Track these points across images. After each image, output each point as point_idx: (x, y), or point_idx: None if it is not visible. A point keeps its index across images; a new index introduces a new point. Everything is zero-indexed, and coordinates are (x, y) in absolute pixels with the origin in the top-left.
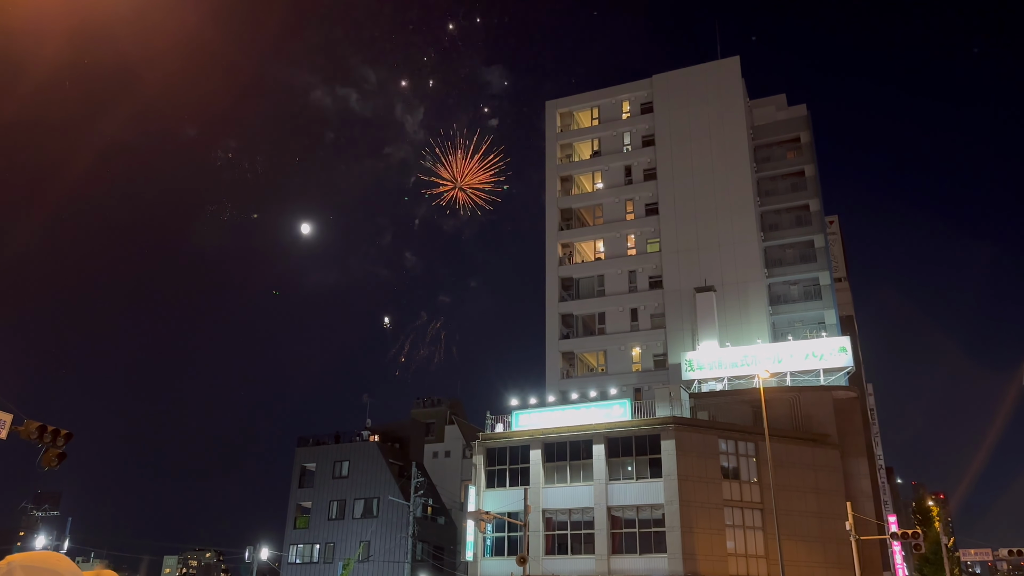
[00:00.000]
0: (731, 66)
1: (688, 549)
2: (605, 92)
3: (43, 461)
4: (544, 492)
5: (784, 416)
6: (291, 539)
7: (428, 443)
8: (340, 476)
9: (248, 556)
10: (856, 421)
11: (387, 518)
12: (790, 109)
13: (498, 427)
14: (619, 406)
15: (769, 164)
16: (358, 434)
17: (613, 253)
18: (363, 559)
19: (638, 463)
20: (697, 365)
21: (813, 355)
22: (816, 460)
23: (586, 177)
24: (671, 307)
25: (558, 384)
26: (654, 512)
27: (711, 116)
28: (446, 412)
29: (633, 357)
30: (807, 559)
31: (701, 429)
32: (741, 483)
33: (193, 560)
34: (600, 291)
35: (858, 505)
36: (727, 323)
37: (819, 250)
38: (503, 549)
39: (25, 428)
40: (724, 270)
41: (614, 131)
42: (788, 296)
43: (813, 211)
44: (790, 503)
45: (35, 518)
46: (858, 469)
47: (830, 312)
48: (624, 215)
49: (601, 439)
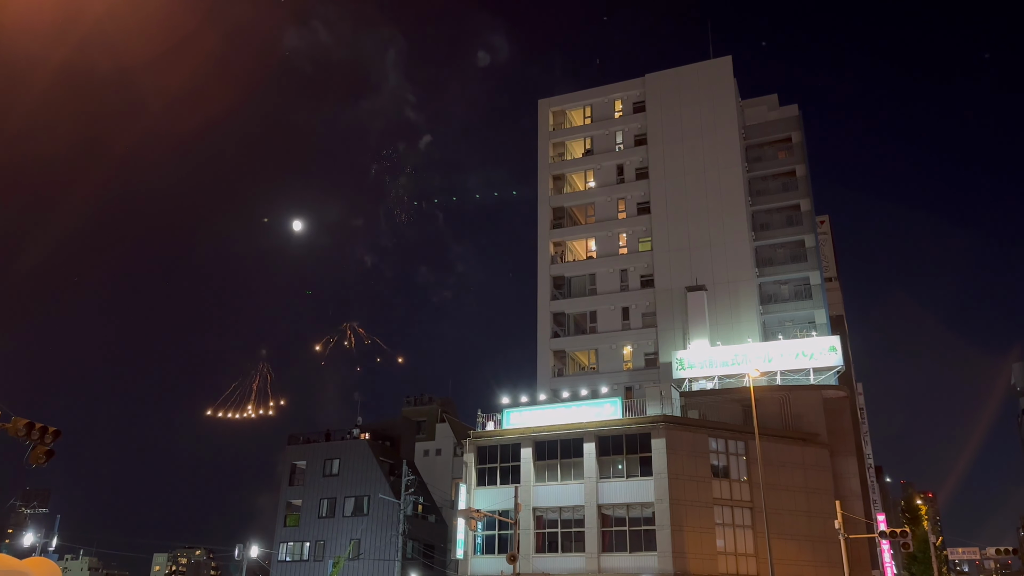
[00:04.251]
0: (723, 66)
1: (678, 547)
2: (598, 91)
3: (31, 458)
4: (535, 490)
5: (774, 415)
6: (281, 537)
7: (419, 441)
8: (330, 474)
9: (238, 554)
10: (846, 420)
11: (377, 516)
12: (782, 109)
13: (489, 425)
14: (610, 405)
15: (760, 164)
16: (348, 432)
17: (605, 252)
18: (353, 557)
19: (628, 461)
20: (688, 364)
21: (803, 354)
22: (806, 459)
23: (578, 176)
24: (662, 306)
25: (549, 382)
26: (644, 510)
27: (703, 116)
28: (437, 410)
29: (624, 356)
30: (796, 558)
31: (691, 428)
32: (731, 482)
33: (183, 558)
34: (592, 290)
35: (847, 504)
36: (718, 322)
37: (810, 250)
38: (493, 547)
39: (13, 425)
40: (715, 269)
41: (606, 130)
42: (779, 295)
43: (804, 211)
44: (780, 502)
45: (24, 515)
46: (847, 468)
47: (820, 312)
48: (616, 214)
49: (592, 437)
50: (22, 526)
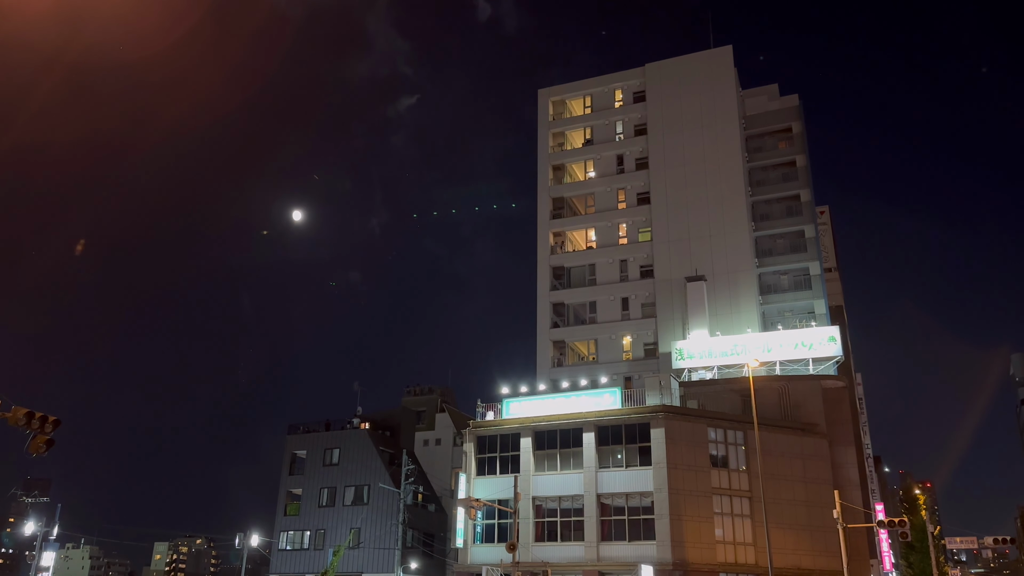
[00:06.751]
0: (723, 55)
1: (677, 536)
2: (598, 80)
3: (31, 447)
4: (534, 480)
5: (773, 405)
6: (281, 526)
7: (419, 431)
8: (331, 463)
9: (238, 542)
10: (844, 410)
11: (377, 505)
12: (782, 99)
13: (489, 415)
14: (609, 394)
15: (761, 154)
16: (349, 422)
17: (605, 242)
18: (353, 546)
19: (628, 451)
20: (687, 354)
21: (803, 344)
22: (804, 449)
23: (578, 166)
24: (662, 296)
25: (549, 372)
26: (643, 500)
27: (703, 105)
28: (437, 400)
29: (624, 346)
30: (795, 547)
31: (690, 418)
32: (730, 471)
33: (183, 546)
34: (591, 280)
35: (845, 493)
36: (717, 312)
37: (809, 240)
38: (493, 536)
39: (13, 414)
40: (715, 260)
41: (606, 120)
42: (778, 286)
43: (804, 201)
44: (778, 491)
45: (25, 504)
46: (846, 458)
47: (820, 302)
48: (616, 204)
49: (591, 427)
50: (23, 515)
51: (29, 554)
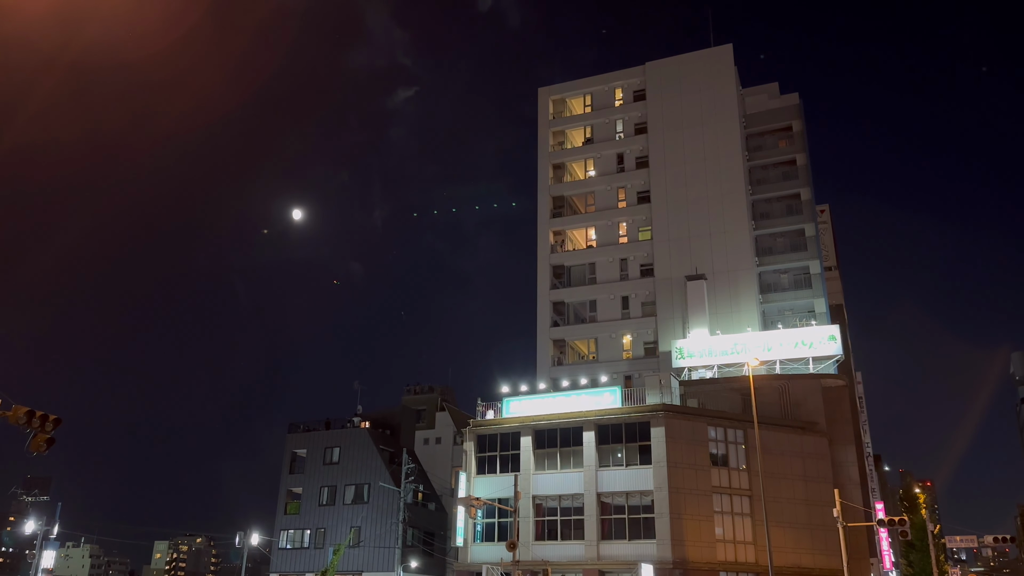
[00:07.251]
0: (724, 54)
1: (677, 535)
2: (598, 79)
3: (31, 446)
4: (534, 478)
5: (773, 404)
6: (282, 525)
7: (419, 430)
8: (331, 462)
9: (238, 541)
10: (845, 409)
11: (378, 504)
12: (783, 98)
13: (489, 414)
14: (609, 393)
15: (761, 152)
16: (349, 421)
17: (605, 241)
18: (353, 544)
19: (628, 450)
20: (687, 353)
21: (803, 343)
22: (804, 448)
23: (578, 164)
24: (662, 295)
25: (549, 371)
26: (643, 498)
27: (703, 104)
28: (437, 399)
29: (624, 345)
30: (795, 546)
31: (690, 416)
32: (730, 470)
33: (184, 545)
34: (591, 279)
35: (846, 492)
36: (717, 311)
37: (810, 239)
38: (493, 535)
39: (13, 413)
40: (715, 258)
41: (606, 118)
42: (778, 284)
43: (804, 200)
44: (778, 490)
45: (25, 503)
46: (846, 457)
47: (820, 300)
48: (616, 203)
49: (591, 426)
50: (23, 514)
51: (29, 553)
